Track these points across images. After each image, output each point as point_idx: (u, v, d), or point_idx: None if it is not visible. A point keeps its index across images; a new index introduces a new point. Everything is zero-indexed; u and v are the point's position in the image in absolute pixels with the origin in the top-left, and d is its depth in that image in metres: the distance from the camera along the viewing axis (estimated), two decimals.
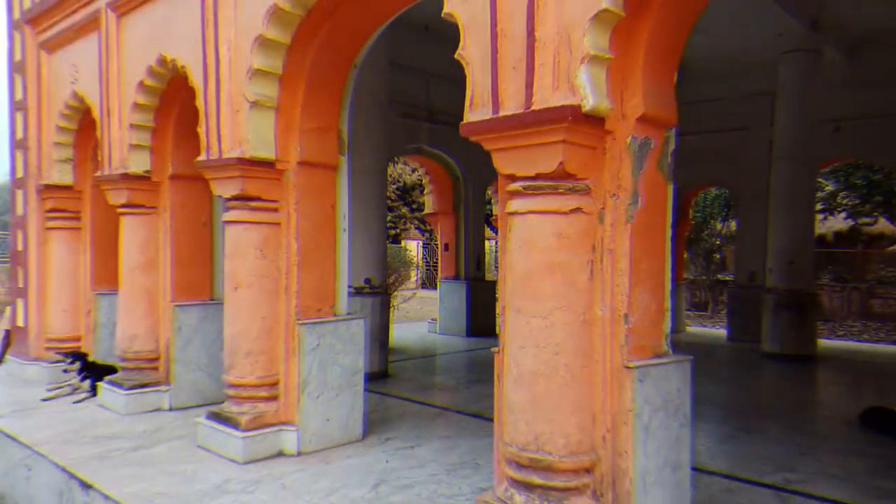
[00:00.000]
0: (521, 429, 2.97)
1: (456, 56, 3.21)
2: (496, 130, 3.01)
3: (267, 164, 4.50)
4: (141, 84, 5.42)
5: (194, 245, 5.91)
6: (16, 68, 7.20)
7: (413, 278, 23.82)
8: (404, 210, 26.61)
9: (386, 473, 4.12)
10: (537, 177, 2.91)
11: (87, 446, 4.66)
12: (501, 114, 3.01)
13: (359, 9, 4.37)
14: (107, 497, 3.79)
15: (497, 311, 12.07)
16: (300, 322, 4.54)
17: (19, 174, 7.19)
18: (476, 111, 3.11)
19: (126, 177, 5.59)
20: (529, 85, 2.91)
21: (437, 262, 16.57)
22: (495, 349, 3.23)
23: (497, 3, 3.02)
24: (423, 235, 26.69)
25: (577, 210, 2.92)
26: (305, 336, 4.55)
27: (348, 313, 4.94)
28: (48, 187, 6.83)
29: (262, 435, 4.44)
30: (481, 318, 11.06)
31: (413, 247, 25.93)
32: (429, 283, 25.28)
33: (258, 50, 4.30)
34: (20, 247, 7.18)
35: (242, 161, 4.39)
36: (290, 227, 4.58)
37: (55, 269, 6.99)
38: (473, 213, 11.29)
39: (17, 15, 7.15)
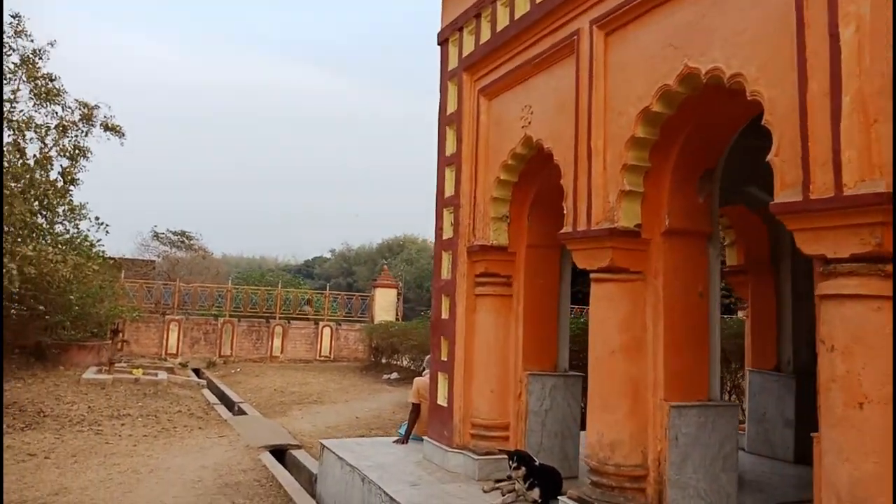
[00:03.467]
0: None
1: None
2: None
3: None
4: (644, 112, 4.19)
5: (689, 324, 4.43)
6: (447, 122, 6.71)
7: None
8: None
9: None
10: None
11: None
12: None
13: None
14: None
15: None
16: None
17: (447, 235, 6.58)
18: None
19: (613, 233, 4.34)
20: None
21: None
22: None
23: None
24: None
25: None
26: None
27: None
28: (482, 248, 6.04)
29: None
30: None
31: None
32: None
33: None
34: (444, 315, 6.50)
35: None
36: None
37: (482, 342, 6.12)
38: (803, 271, 7.23)
39: (452, 65, 6.70)
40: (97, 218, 15.63)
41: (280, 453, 9.03)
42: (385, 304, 23.34)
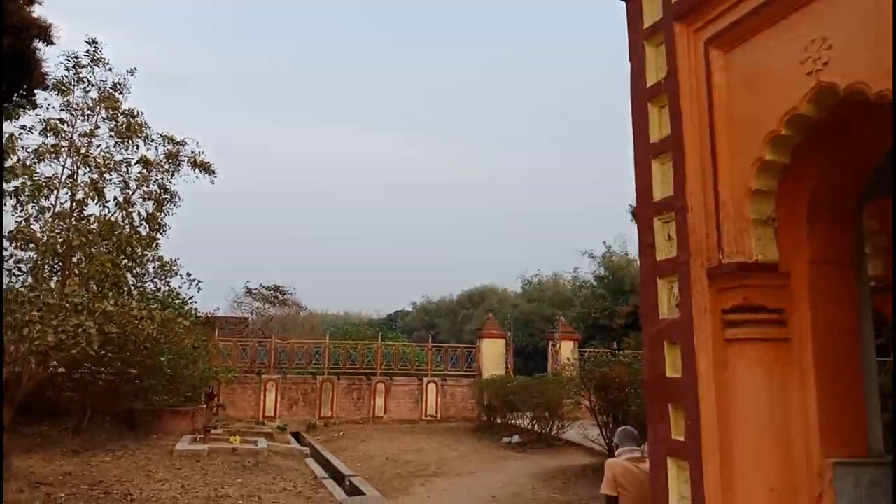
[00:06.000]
0: None
1: None
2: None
3: None
4: None
5: None
6: (649, 97, 4.83)
7: None
8: None
9: None
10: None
11: None
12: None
13: None
14: None
15: None
16: None
17: (664, 254, 4.61)
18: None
19: None
20: None
21: None
22: None
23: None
24: None
25: None
26: None
27: None
28: (740, 269, 4.02)
29: None
30: None
31: None
32: None
33: None
34: (670, 371, 4.47)
35: None
36: None
37: (747, 415, 4.05)
38: None
39: (651, 18, 4.84)
40: (188, 274, 14.56)
41: None
42: (493, 357, 21.31)
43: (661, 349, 4.59)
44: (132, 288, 10.81)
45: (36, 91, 13.85)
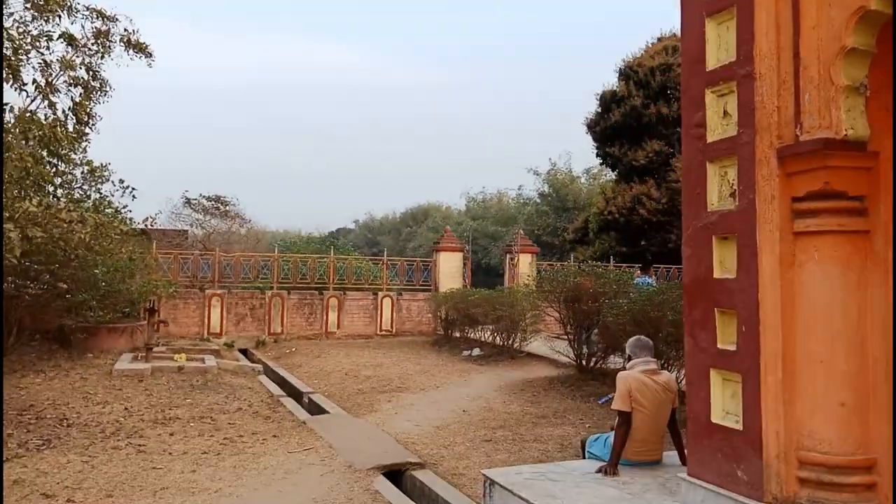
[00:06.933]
0: None
1: None
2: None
3: None
4: None
5: None
6: None
7: None
8: None
9: None
10: None
11: None
12: None
13: None
14: None
15: None
16: None
17: (715, 133, 3.93)
18: None
19: None
20: None
21: None
22: None
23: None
24: None
25: None
26: None
27: None
28: (825, 146, 3.36)
29: None
30: None
31: None
32: None
33: None
34: (719, 272, 3.88)
35: None
36: None
37: (818, 319, 3.49)
38: None
39: None
40: (121, 181, 13.28)
41: (393, 474, 6.61)
42: (450, 271, 20.78)
43: (707, 246, 3.97)
44: (58, 189, 9.57)
45: None
